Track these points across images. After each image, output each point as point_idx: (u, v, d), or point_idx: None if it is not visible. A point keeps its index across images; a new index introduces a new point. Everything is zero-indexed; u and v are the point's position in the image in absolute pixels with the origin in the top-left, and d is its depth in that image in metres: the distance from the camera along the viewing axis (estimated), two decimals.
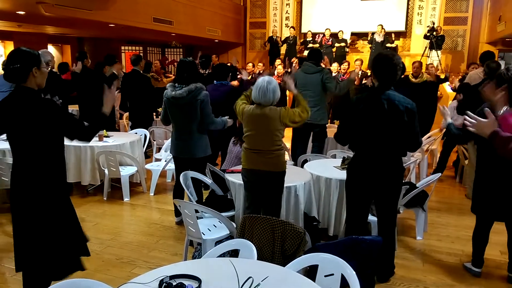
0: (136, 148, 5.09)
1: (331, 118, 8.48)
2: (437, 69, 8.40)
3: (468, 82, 5.43)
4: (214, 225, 3.26)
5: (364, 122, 2.75)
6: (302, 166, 4.09)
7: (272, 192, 3.08)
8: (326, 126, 5.25)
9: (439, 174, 3.97)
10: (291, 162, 5.07)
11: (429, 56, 11.13)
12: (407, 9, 12.59)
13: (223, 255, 2.32)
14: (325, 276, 2.05)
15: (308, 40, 12.32)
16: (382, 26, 11.42)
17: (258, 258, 2.13)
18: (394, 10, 12.62)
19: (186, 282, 1.73)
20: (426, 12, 12.39)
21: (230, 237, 3.08)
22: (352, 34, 12.83)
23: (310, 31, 12.50)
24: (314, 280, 1.97)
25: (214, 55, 9.78)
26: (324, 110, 5.10)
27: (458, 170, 5.79)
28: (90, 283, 1.83)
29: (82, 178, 4.75)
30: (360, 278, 1.87)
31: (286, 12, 13.87)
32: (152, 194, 5.02)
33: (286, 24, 13.78)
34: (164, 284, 1.72)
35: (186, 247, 3.25)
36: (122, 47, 13.78)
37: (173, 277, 1.78)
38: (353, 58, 10.34)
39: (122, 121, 7.49)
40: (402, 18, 12.63)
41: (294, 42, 12.40)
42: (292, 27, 12.86)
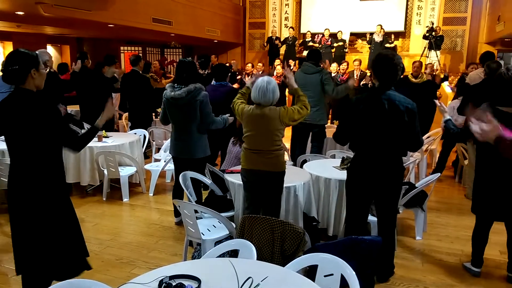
0: (135, 148, 5.09)
1: (331, 119, 8.49)
2: (436, 69, 8.40)
3: (467, 83, 5.43)
4: (213, 225, 3.26)
5: (364, 122, 2.75)
6: (301, 166, 4.09)
7: (271, 192, 3.08)
8: (325, 126, 5.25)
9: (439, 174, 3.97)
10: (291, 162, 5.06)
11: (428, 56, 11.13)
12: (406, 9, 12.60)
13: (223, 255, 2.31)
14: (324, 276, 2.05)
15: (307, 40, 12.32)
16: (381, 26, 11.44)
17: (257, 258, 2.13)
18: (393, 10, 12.63)
19: (185, 282, 1.73)
20: (425, 12, 12.40)
21: (229, 237, 3.08)
22: (351, 34, 12.83)
23: (309, 31, 12.50)
24: (313, 280, 1.97)
25: (213, 55, 9.79)
26: (323, 111, 5.10)
27: (457, 170, 5.80)
28: (90, 283, 1.83)
29: (82, 179, 4.76)
30: (359, 278, 1.87)
31: (285, 12, 13.87)
32: (151, 194, 5.01)
33: (285, 24, 13.78)
34: (163, 284, 1.72)
35: (186, 248, 3.25)
36: (121, 48, 13.77)
37: (172, 277, 1.78)
38: (352, 58, 10.34)
39: (121, 121, 7.48)
40: (401, 18, 12.64)
41: (293, 43, 12.41)
42: (291, 28, 12.86)
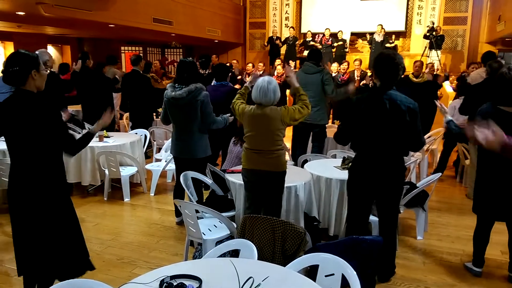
0: (136, 148, 5.10)
1: (332, 119, 8.48)
2: (436, 68, 8.39)
3: (469, 82, 5.42)
4: (214, 225, 3.26)
5: (366, 122, 2.74)
6: (302, 166, 4.09)
7: (272, 192, 3.08)
8: (326, 126, 5.25)
9: (440, 174, 3.96)
10: (291, 162, 5.06)
11: (429, 56, 11.12)
12: (407, 9, 12.60)
13: (224, 255, 2.31)
14: (325, 276, 2.05)
15: (307, 40, 12.32)
16: (382, 26, 11.44)
17: (258, 258, 2.12)
18: (393, 10, 12.63)
19: (186, 282, 1.73)
20: (426, 12, 12.40)
21: (230, 237, 3.08)
22: (351, 34, 12.84)
23: (309, 31, 12.50)
24: (314, 280, 1.96)
25: (214, 55, 9.78)
26: (324, 111, 5.10)
27: (458, 169, 5.79)
28: (91, 283, 1.83)
29: (83, 179, 4.76)
30: (360, 278, 1.87)
31: (286, 12, 13.87)
32: (152, 194, 5.02)
33: (285, 24, 13.78)
34: (164, 284, 1.72)
35: (187, 247, 3.25)
36: (122, 48, 13.78)
37: (173, 277, 1.78)
38: (352, 58, 10.34)
39: (122, 121, 7.49)
40: (401, 18, 12.64)
41: (294, 43, 12.41)
42: (291, 27, 12.86)
